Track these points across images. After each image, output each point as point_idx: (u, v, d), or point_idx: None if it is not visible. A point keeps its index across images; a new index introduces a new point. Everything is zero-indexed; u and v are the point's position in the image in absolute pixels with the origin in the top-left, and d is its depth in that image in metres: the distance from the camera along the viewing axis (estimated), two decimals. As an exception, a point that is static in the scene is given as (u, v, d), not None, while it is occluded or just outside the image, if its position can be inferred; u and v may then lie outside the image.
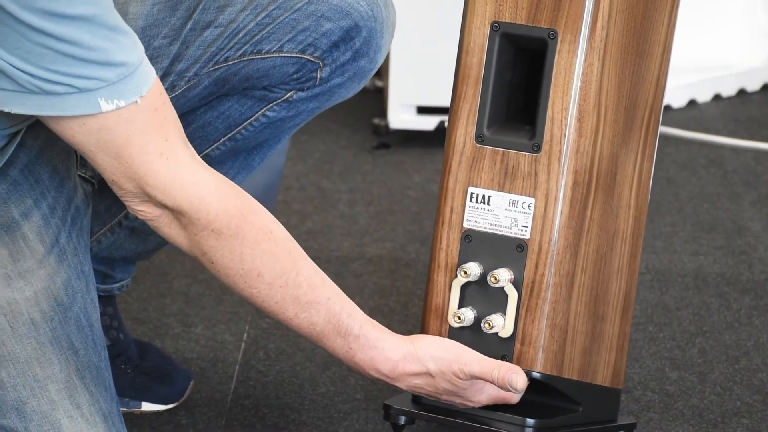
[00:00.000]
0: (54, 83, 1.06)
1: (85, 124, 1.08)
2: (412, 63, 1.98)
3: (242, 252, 1.14)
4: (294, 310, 1.17)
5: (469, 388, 1.22)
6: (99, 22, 1.06)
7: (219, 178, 1.15)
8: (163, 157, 1.10)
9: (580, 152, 1.25)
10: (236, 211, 1.14)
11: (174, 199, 1.12)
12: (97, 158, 1.11)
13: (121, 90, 1.08)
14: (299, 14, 1.28)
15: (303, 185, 1.91)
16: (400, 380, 1.21)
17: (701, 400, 1.44)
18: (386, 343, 1.19)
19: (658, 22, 1.28)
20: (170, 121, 1.12)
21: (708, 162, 1.99)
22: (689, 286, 1.66)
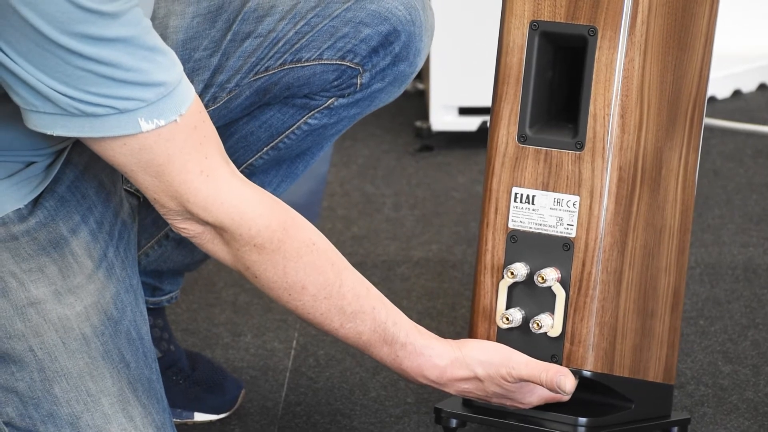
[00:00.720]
0: (94, 105, 1.07)
1: (125, 144, 1.09)
2: (453, 64, 1.98)
3: (285, 266, 1.15)
4: (340, 321, 1.18)
5: (518, 391, 1.22)
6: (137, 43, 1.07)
7: (260, 192, 1.15)
8: (203, 174, 1.11)
9: (624, 148, 1.24)
10: (278, 225, 1.14)
11: (216, 216, 1.13)
12: (138, 177, 1.12)
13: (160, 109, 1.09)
14: (338, 21, 1.28)
15: (347, 191, 1.91)
16: (448, 386, 1.21)
17: (756, 393, 1.43)
18: (433, 350, 1.19)
19: (699, 14, 1.27)
20: (210, 138, 1.12)
21: (755, 152, 1.97)
22: (739, 278, 1.65)
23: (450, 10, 1.95)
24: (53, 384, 1.15)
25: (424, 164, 1.98)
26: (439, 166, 1.97)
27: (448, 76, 1.99)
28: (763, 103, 2.14)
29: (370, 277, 1.72)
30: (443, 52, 1.97)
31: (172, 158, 1.10)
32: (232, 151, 1.36)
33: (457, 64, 1.98)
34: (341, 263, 1.18)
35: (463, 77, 1.98)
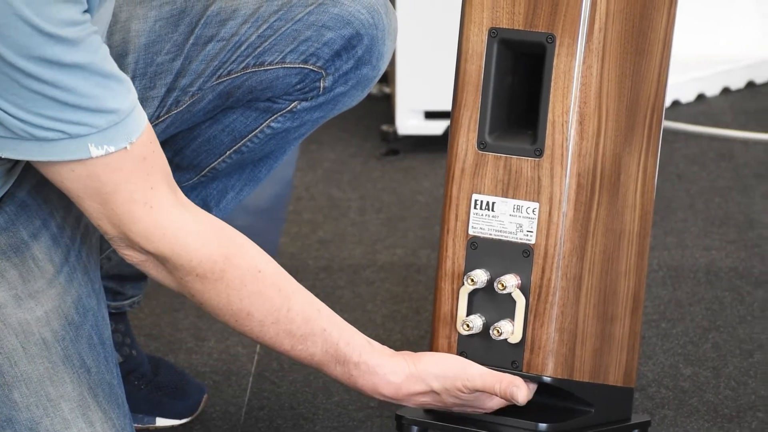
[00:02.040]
0: (46, 129, 1.08)
1: (73, 171, 1.10)
2: (419, 68, 1.99)
3: (229, 294, 1.15)
4: (290, 344, 1.18)
5: (476, 399, 1.22)
6: (94, 69, 1.07)
7: (205, 222, 1.15)
8: (147, 205, 1.11)
9: (583, 155, 1.25)
10: (220, 255, 1.15)
11: (156, 247, 1.13)
12: (84, 203, 1.12)
13: (111, 136, 1.09)
14: (300, 25, 1.28)
15: (313, 195, 1.91)
16: (405, 400, 1.22)
17: (716, 395, 1.44)
18: (387, 368, 1.20)
19: (656, 20, 1.28)
20: (158, 169, 1.13)
21: (718, 156, 1.99)
22: (701, 281, 1.66)
23: (416, 13, 1.95)
24: (12, 389, 1.15)
25: (390, 168, 1.99)
26: (405, 170, 1.98)
27: (414, 80, 1.99)
28: (726, 106, 2.16)
29: (336, 280, 1.73)
30: (409, 56, 1.98)
31: (118, 187, 1.10)
32: (195, 155, 1.36)
33: (423, 68, 1.99)
34: (289, 287, 1.18)
35: (429, 81, 1.98)
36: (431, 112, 2.02)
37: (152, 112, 1.30)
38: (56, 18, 1.05)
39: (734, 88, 2.21)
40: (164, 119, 1.31)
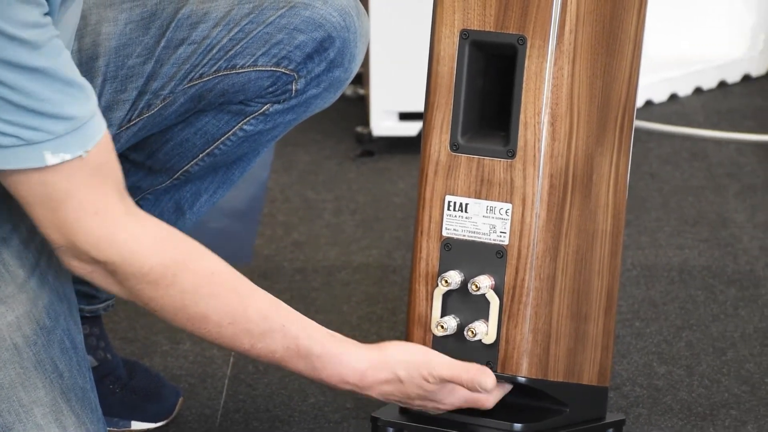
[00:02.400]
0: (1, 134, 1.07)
1: (27, 177, 1.09)
2: (393, 70, 1.99)
3: (183, 299, 1.15)
4: (249, 342, 1.18)
5: (439, 391, 1.22)
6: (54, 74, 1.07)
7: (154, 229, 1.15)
8: (97, 215, 1.11)
9: (555, 156, 1.25)
10: (171, 261, 1.14)
11: (106, 255, 1.13)
12: (34, 210, 1.11)
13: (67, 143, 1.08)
14: (272, 28, 1.28)
15: (288, 196, 1.91)
16: (370, 388, 1.21)
17: (689, 394, 1.45)
18: (351, 356, 1.20)
19: (627, 21, 1.28)
20: (111, 177, 1.12)
21: (691, 155, 2.00)
22: (675, 280, 1.67)
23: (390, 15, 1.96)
24: (-15, 396, 1.15)
25: (364, 169, 1.99)
26: (380, 172, 1.98)
27: (388, 81, 2.00)
28: (698, 106, 2.17)
29: (311, 282, 1.73)
30: (383, 58, 1.98)
31: (70, 195, 1.10)
32: (168, 158, 1.35)
33: (397, 70, 1.99)
34: (246, 288, 1.18)
35: (403, 83, 1.99)
36: (405, 114, 2.02)
37: (123, 115, 1.30)
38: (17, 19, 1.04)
39: (706, 88, 2.22)
40: (136, 122, 1.31)
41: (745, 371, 1.48)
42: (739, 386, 1.46)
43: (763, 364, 1.49)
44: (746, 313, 1.60)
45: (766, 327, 1.57)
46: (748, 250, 1.73)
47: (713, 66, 2.22)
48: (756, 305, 1.61)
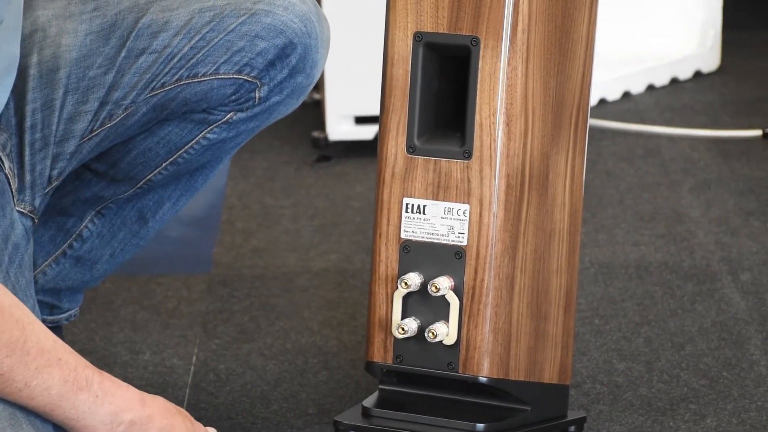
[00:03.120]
0: None
1: None
2: (348, 74, 1.99)
3: None
4: (24, 379, 1.13)
5: None
6: None
7: None
8: None
9: (511, 156, 1.26)
10: None
11: None
12: None
13: None
14: (233, 35, 1.28)
15: (246, 203, 1.91)
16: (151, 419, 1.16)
17: (649, 389, 1.46)
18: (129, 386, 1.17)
19: (578, 20, 1.29)
20: None
21: (645, 152, 2.01)
22: (633, 276, 1.68)
23: (343, 19, 1.96)
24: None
25: (322, 174, 1.99)
26: (337, 176, 1.98)
27: (343, 85, 2.00)
28: (651, 103, 2.19)
29: (271, 288, 1.73)
30: (338, 62, 1.98)
31: None
32: (131, 168, 1.35)
33: (352, 74, 1.99)
34: (26, 318, 1.14)
35: (358, 87, 1.99)
36: (361, 117, 2.02)
37: (86, 126, 1.29)
38: None
39: (658, 85, 2.24)
40: (98, 133, 1.30)
41: (704, 365, 1.50)
42: (698, 380, 1.47)
43: (720, 358, 1.51)
44: (703, 307, 1.61)
45: (723, 321, 1.58)
46: (704, 245, 1.75)
47: (665, 63, 2.24)
48: (713, 299, 1.63)
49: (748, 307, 1.61)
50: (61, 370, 1.14)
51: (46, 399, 1.14)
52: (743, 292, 1.64)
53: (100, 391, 1.15)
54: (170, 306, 1.65)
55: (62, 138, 1.29)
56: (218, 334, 1.59)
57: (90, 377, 1.15)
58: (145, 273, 1.72)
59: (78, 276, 1.41)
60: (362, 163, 2.00)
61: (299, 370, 1.51)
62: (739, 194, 1.87)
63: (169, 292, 1.68)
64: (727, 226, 1.79)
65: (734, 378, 1.47)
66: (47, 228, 1.38)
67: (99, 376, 1.16)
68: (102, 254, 1.40)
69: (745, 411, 1.42)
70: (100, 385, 1.15)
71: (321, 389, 1.47)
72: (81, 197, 1.38)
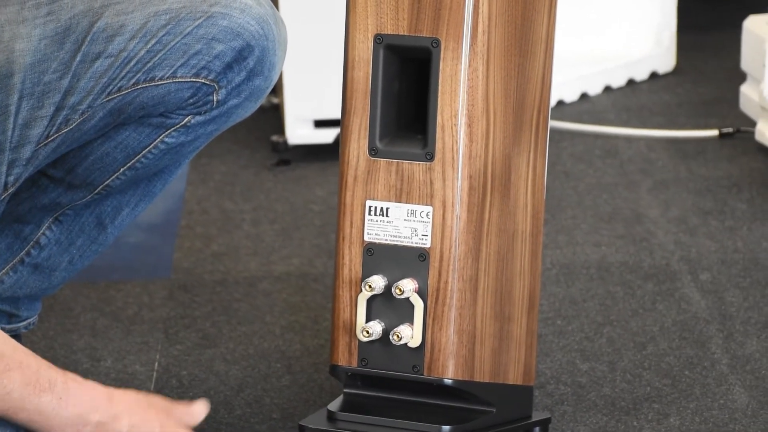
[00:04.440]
0: None
1: None
2: (306, 77, 1.99)
3: None
4: None
5: None
6: None
7: None
8: None
9: (473, 157, 1.26)
10: None
11: None
12: None
13: None
14: (190, 38, 1.28)
15: (205, 208, 1.90)
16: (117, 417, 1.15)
17: (612, 389, 1.46)
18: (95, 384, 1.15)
19: (538, 21, 1.30)
20: None
21: (603, 153, 2.02)
22: (594, 277, 1.69)
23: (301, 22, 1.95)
24: None
25: (282, 178, 1.98)
26: (297, 180, 1.97)
27: (302, 89, 1.99)
28: (608, 104, 2.20)
29: (233, 293, 1.72)
30: (296, 66, 1.98)
31: None
32: (88, 173, 1.34)
33: (310, 77, 1.99)
34: None
35: (317, 90, 1.99)
36: (320, 121, 2.02)
37: (41, 131, 1.28)
38: None
39: (615, 86, 2.26)
40: (54, 138, 1.29)
41: (666, 364, 1.51)
42: (660, 380, 1.48)
43: (682, 357, 1.52)
44: (664, 307, 1.62)
45: (683, 320, 1.59)
46: (663, 244, 1.76)
47: (622, 64, 2.25)
48: (673, 299, 1.64)
49: (708, 306, 1.62)
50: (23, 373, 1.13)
51: (8, 403, 1.13)
52: (703, 291, 1.65)
53: (63, 392, 1.14)
54: (131, 312, 1.64)
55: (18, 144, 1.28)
56: (180, 340, 1.58)
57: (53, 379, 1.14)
58: (104, 279, 1.71)
59: (36, 283, 1.40)
60: (322, 167, 2.00)
61: (262, 375, 1.50)
62: (697, 194, 1.88)
63: (130, 299, 1.67)
64: (686, 226, 1.80)
65: (696, 377, 1.48)
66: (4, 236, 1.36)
67: (63, 377, 1.15)
68: (60, 261, 1.39)
69: (707, 409, 1.42)
70: (64, 386, 1.14)
71: (285, 393, 1.46)
72: (38, 204, 1.37)
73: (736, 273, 1.68)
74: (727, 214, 1.82)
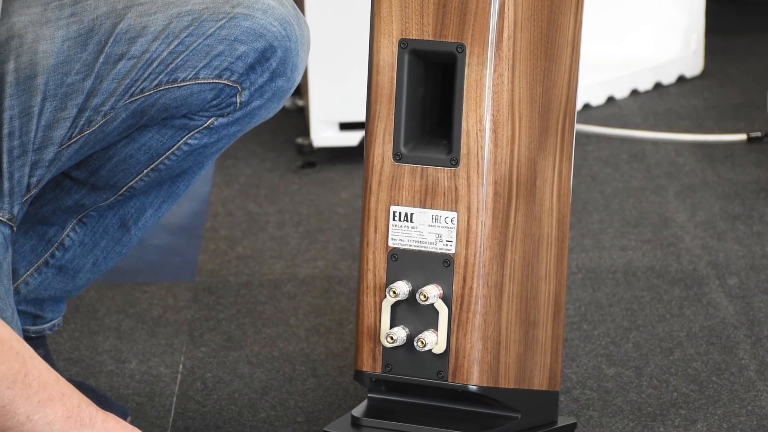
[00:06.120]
0: None
1: None
2: (332, 80, 1.99)
3: None
4: (26, 413, 1.11)
5: None
6: None
7: None
8: None
9: (498, 162, 1.25)
10: None
11: None
12: None
13: None
14: (212, 39, 1.27)
15: (230, 210, 1.90)
16: None
17: (639, 395, 1.45)
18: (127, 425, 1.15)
19: (564, 25, 1.29)
20: None
21: (630, 157, 2.01)
22: (620, 281, 1.68)
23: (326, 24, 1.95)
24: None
25: (306, 181, 1.98)
26: (322, 183, 1.97)
27: (327, 91, 1.99)
28: (635, 108, 2.19)
29: (257, 296, 1.72)
30: (322, 68, 1.97)
31: None
32: (112, 175, 1.34)
33: (336, 80, 1.98)
34: (26, 352, 1.13)
35: (342, 93, 1.98)
36: (346, 124, 2.02)
37: (64, 133, 1.28)
38: None
39: (642, 90, 2.24)
40: (77, 140, 1.29)
41: (693, 370, 1.50)
42: (687, 385, 1.47)
43: (709, 363, 1.51)
44: (691, 312, 1.61)
45: (711, 325, 1.58)
46: (691, 249, 1.75)
47: (649, 68, 2.24)
48: (700, 304, 1.63)
49: (736, 311, 1.61)
50: (64, 405, 1.13)
51: None
52: (731, 297, 1.64)
53: (103, 429, 1.14)
54: (156, 314, 1.64)
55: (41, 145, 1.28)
56: (205, 342, 1.58)
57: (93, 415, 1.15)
58: (129, 281, 1.71)
59: (61, 285, 1.40)
60: (347, 170, 2.00)
61: (287, 378, 1.50)
62: (725, 198, 1.87)
63: (154, 301, 1.67)
64: (714, 231, 1.79)
65: (724, 383, 1.47)
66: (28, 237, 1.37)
67: (103, 415, 1.15)
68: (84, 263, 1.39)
69: (735, 416, 1.41)
70: (104, 423, 1.14)
71: (309, 397, 1.46)
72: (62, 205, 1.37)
73: (765, 278, 1.66)
74: (756, 218, 1.81)
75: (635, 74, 2.22)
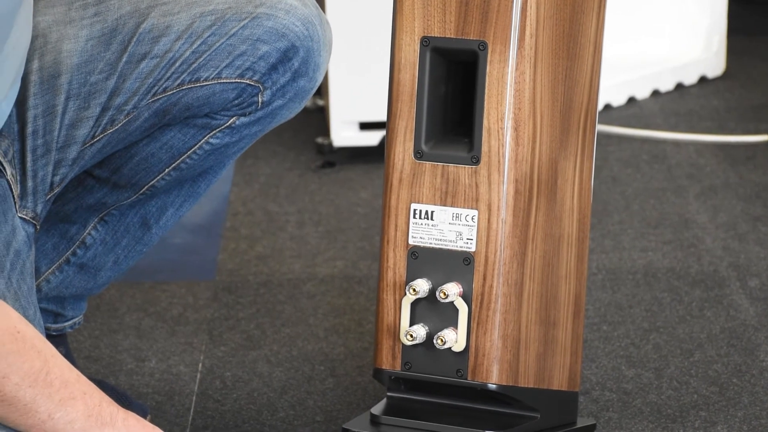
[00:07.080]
0: None
1: None
2: (352, 80, 1.99)
3: None
4: (47, 411, 1.11)
5: None
6: None
7: None
8: None
9: (519, 161, 1.25)
10: None
11: None
12: None
13: None
14: (235, 39, 1.28)
15: (250, 210, 1.90)
16: None
17: (659, 396, 1.45)
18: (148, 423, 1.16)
19: (586, 24, 1.29)
20: None
21: (651, 158, 2.01)
22: (640, 282, 1.67)
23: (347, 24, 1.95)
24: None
25: (326, 180, 1.98)
26: (342, 182, 1.97)
27: (347, 91, 1.99)
28: (656, 109, 2.18)
29: (277, 295, 1.72)
30: (342, 68, 1.97)
31: None
32: (133, 173, 1.34)
33: (356, 80, 1.98)
34: (48, 351, 1.13)
35: (362, 92, 1.98)
36: (366, 123, 2.02)
37: (87, 132, 1.28)
38: None
39: (663, 90, 2.24)
40: (100, 139, 1.29)
41: (713, 372, 1.49)
42: (708, 387, 1.46)
43: (730, 365, 1.50)
44: (712, 313, 1.60)
45: (731, 327, 1.57)
46: (711, 250, 1.74)
47: (670, 68, 2.23)
48: (721, 306, 1.62)
49: (757, 313, 1.60)
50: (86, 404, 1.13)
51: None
52: (752, 298, 1.63)
53: (124, 428, 1.14)
54: (175, 313, 1.64)
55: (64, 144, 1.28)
56: (224, 341, 1.58)
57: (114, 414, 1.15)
58: (149, 280, 1.71)
59: (82, 283, 1.40)
60: (367, 169, 2.00)
61: (306, 377, 1.50)
62: (746, 200, 1.86)
63: (174, 299, 1.68)
64: (735, 232, 1.78)
65: (744, 385, 1.46)
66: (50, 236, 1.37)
67: (123, 413, 1.16)
68: (106, 261, 1.40)
69: (756, 418, 1.41)
70: (125, 422, 1.14)
71: (328, 396, 1.46)
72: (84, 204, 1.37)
73: (786, 280, 1.66)
74: (777, 220, 1.80)
75: (656, 75, 2.22)
